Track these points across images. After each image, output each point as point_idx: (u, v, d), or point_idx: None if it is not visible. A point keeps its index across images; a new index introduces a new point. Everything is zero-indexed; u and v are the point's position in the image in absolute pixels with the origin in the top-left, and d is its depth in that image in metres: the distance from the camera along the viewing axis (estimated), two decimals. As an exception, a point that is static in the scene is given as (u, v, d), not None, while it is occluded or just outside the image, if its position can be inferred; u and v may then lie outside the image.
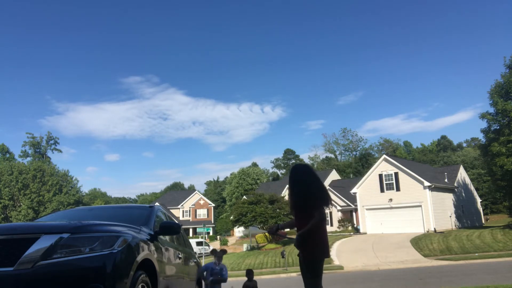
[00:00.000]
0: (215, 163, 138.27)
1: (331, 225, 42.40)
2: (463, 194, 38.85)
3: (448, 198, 35.23)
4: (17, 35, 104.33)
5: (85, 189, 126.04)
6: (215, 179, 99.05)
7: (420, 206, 32.44)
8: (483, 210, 48.24)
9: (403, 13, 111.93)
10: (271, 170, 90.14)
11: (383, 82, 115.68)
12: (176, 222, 4.80)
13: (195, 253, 7.27)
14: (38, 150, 69.09)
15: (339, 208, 43.65)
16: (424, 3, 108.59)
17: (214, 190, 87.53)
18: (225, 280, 6.87)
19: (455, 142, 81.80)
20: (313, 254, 3.86)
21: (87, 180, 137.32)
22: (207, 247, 40.27)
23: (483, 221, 44.29)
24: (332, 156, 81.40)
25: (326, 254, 3.95)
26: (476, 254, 21.07)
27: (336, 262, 23.38)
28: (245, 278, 7.93)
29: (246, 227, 41.61)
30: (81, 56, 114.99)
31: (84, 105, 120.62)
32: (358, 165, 71.82)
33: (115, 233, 3.33)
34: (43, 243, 2.94)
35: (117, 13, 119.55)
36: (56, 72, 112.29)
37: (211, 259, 32.80)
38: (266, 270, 24.46)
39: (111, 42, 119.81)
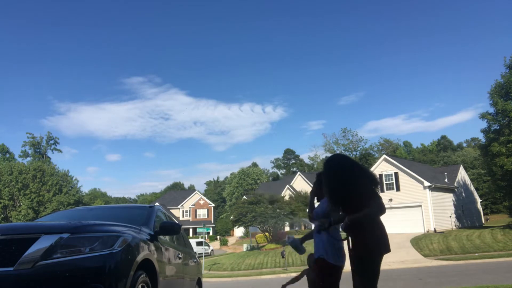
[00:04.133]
0: (216, 163, 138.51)
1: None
2: (463, 194, 38.84)
3: (448, 198, 35.22)
4: (18, 35, 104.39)
5: (86, 189, 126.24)
6: (215, 179, 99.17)
7: (420, 206, 32.42)
8: (483, 210, 48.24)
9: (404, 13, 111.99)
10: (271, 170, 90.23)
11: (384, 82, 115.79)
12: (176, 222, 4.79)
13: (195, 253, 7.27)
14: (38, 150, 69.05)
15: (339, 208, 43.71)
16: (425, 3, 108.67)
17: (214, 190, 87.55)
18: None
19: (455, 142, 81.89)
20: (365, 246, 3.35)
21: (88, 180, 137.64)
22: (207, 247, 40.31)
23: (483, 221, 44.28)
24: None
25: (385, 248, 3.37)
26: (476, 254, 21.07)
27: (336, 262, 23.39)
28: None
29: (246, 227, 41.66)
30: (83, 57, 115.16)
31: (86, 105, 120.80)
32: (358, 165, 71.62)
33: (115, 233, 3.33)
34: (43, 243, 2.94)
35: (120, 13, 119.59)
36: (58, 73, 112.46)
37: (212, 259, 32.68)
38: (266, 270, 24.45)
39: (113, 43, 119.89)
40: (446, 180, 36.76)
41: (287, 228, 45.35)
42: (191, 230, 58.87)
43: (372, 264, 3.34)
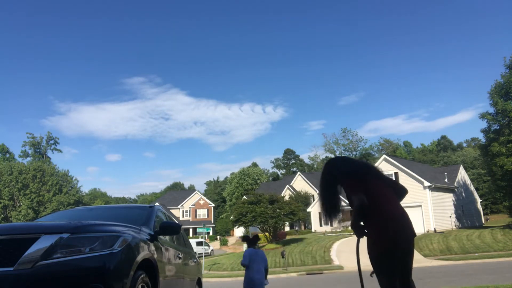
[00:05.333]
0: (216, 163, 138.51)
1: (331, 225, 42.39)
2: (463, 194, 38.84)
3: (448, 198, 35.23)
4: (19, 35, 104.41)
5: (85, 189, 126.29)
6: (215, 179, 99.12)
7: (420, 206, 32.43)
8: (483, 210, 48.25)
9: (404, 14, 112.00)
10: (271, 170, 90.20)
11: (384, 83, 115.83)
12: (176, 222, 4.79)
13: (195, 253, 7.28)
14: (38, 150, 69.05)
15: (339, 208, 43.76)
16: (426, 4, 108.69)
17: (214, 190, 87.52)
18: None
19: (455, 142, 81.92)
20: (368, 246, 3.29)
21: (88, 180, 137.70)
22: (207, 247, 40.31)
23: (483, 221, 44.29)
24: (332, 156, 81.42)
25: (386, 243, 3.13)
26: (476, 254, 21.09)
27: (336, 262, 23.41)
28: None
29: (246, 227, 41.62)
30: (84, 57, 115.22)
31: (87, 105, 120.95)
32: (358, 165, 71.49)
33: (115, 233, 3.32)
34: (43, 243, 2.93)
35: (121, 13, 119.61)
36: (59, 73, 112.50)
37: (212, 259, 32.76)
38: (266, 270, 24.42)
39: (114, 43, 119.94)
40: (446, 180, 36.75)
41: (287, 228, 45.35)
42: (191, 230, 58.86)
43: (376, 262, 3.22)
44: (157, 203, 50.10)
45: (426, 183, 32.40)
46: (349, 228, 41.01)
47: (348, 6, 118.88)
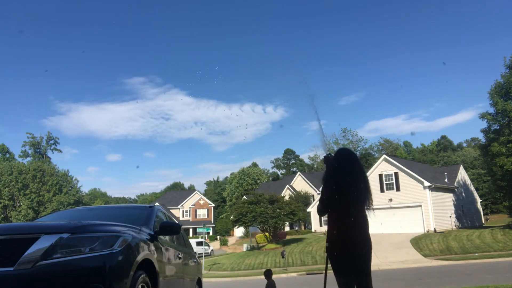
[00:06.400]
0: (216, 163, 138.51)
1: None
2: (463, 194, 38.83)
3: (448, 198, 35.21)
4: (20, 35, 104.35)
5: (85, 189, 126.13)
6: (215, 179, 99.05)
7: (420, 206, 32.42)
8: (483, 210, 48.24)
9: (404, 13, 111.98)
10: (271, 170, 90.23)
11: (385, 83, 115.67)
12: (176, 222, 4.79)
13: (195, 253, 7.28)
14: (38, 150, 69.04)
15: (339, 208, 43.73)
16: (426, 3, 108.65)
17: (214, 190, 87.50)
18: None
19: (455, 142, 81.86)
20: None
21: (88, 180, 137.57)
22: (207, 247, 40.31)
23: (483, 221, 44.29)
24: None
25: (330, 248, 3.67)
26: (476, 254, 21.09)
27: (336, 262, 23.39)
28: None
29: (246, 227, 41.64)
30: (85, 57, 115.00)
31: (87, 106, 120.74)
32: (358, 165, 71.48)
33: (115, 233, 3.32)
34: (43, 243, 2.93)
35: (121, 13, 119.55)
36: (59, 73, 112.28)
37: (212, 258, 32.84)
38: (266, 270, 24.42)
39: (115, 43, 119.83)
40: (446, 180, 36.75)
41: (287, 228, 45.35)
42: (191, 230, 58.87)
43: (331, 261, 3.68)
44: (157, 203, 50.09)
45: (426, 183, 32.39)
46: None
47: (348, 7, 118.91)
